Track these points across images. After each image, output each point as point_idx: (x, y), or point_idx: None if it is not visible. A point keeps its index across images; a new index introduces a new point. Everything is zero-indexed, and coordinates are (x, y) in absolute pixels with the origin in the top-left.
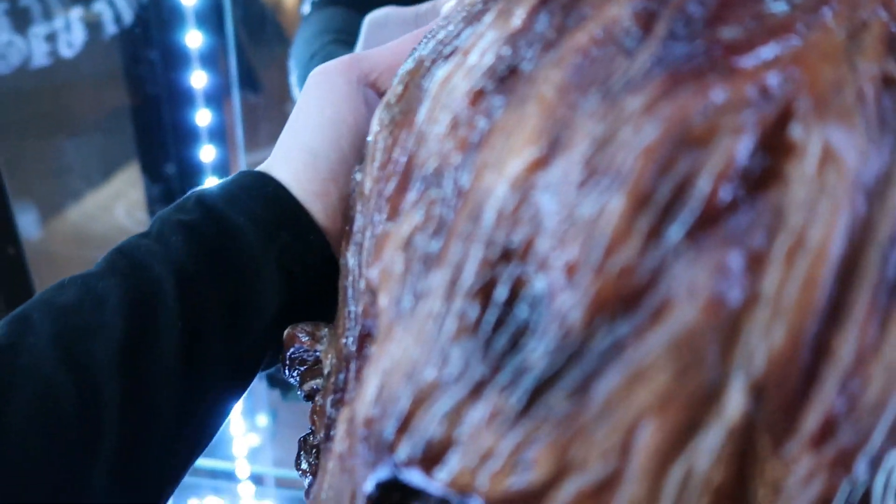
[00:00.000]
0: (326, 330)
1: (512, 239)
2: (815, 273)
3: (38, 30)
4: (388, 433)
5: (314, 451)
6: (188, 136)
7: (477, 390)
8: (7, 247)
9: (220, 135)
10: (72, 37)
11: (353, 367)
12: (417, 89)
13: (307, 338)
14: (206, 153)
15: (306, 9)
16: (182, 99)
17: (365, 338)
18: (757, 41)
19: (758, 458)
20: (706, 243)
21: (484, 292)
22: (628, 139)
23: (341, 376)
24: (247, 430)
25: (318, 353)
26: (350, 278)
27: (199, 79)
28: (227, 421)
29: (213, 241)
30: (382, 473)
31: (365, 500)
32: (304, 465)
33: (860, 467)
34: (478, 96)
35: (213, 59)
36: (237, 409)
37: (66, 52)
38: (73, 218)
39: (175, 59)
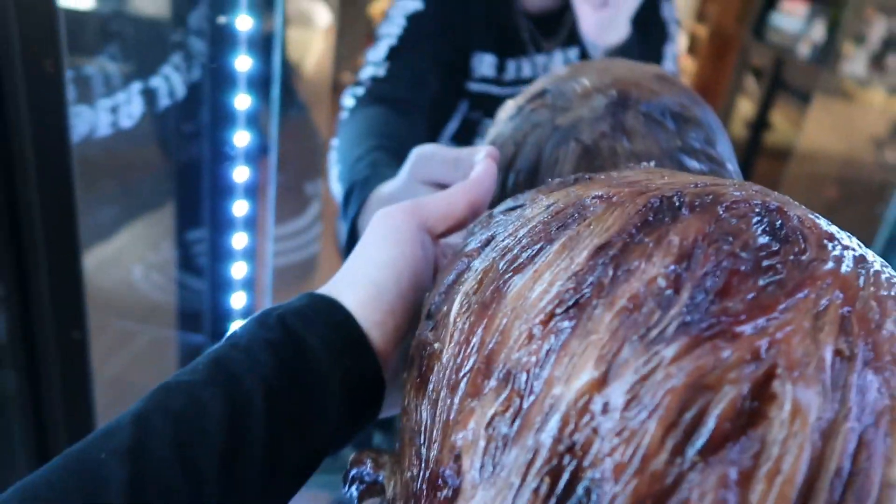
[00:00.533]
0: (388, 458)
1: (574, 440)
2: (786, 491)
3: (104, 102)
4: None
5: None
6: (224, 191)
7: None
8: (73, 331)
9: (253, 191)
10: (132, 108)
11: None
12: (494, 289)
13: (372, 463)
14: (240, 207)
15: (348, 101)
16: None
17: (437, 483)
18: (753, 315)
19: None
20: (713, 461)
21: (552, 474)
22: (661, 380)
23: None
24: None
25: (378, 477)
26: (423, 427)
27: (242, 138)
28: None
29: (292, 360)
30: None
31: None
32: None
33: None
34: (549, 318)
35: (255, 120)
36: None
37: (126, 122)
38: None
39: (222, 120)
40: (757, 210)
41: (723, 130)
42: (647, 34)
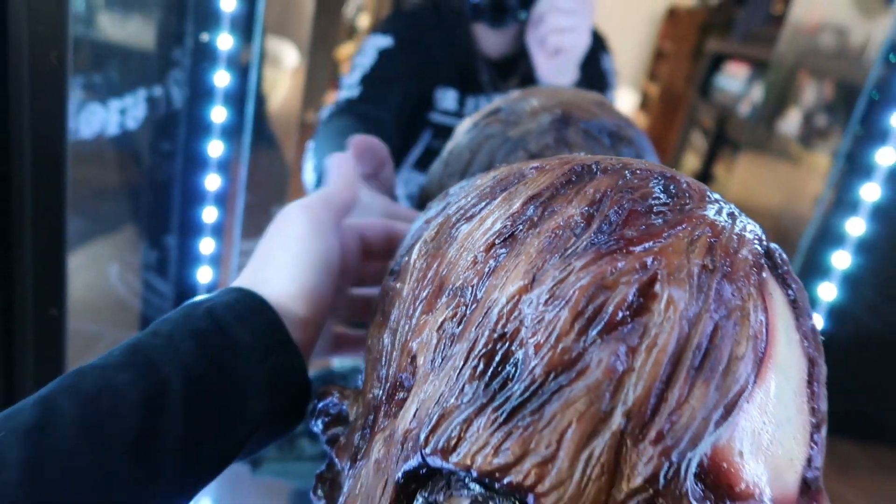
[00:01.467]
0: (351, 391)
1: (506, 329)
2: (659, 358)
3: (115, 103)
4: (421, 436)
5: (328, 483)
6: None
7: (479, 410)
8: (51, 308)
9: (223, 199)
10: (137, 112)
11: (382, 410)
12: (447, 235)
13: (338, 393)
14: (209, 214)
15: (324, 115)
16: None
17: (396, 388)
18: (643, 239)
19: (626, 449)
20: (608, 339)
21: (487, 356)
22: (573, 282)
23: (370, 418)
24: None
25: (342, 406)
26: (384, 352)
27: (216, 148)
28: None
29: (218, 351)
30: (411, 464)
31: (394, 486)
32: (320, 493)
33: (675, 457)
34: (490, 247)
35: (230, 133)
36: None
37: (132, 124)
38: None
39: (199, 130)
40: (656, 175)
41: (653, 152)
42: (590, 83)
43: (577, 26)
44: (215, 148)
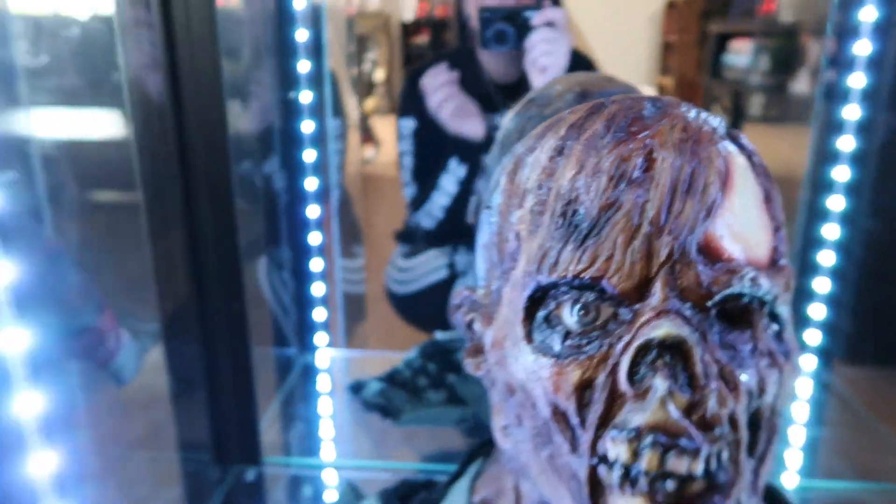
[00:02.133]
0: (475, 286)
1: (570, 197)
2: (662, 191)
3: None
4: (533, 268)
5: (472, 352)
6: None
7: (565, 243)
8: (234, 303)
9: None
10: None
11: (502, 280)
12: (520, 164)
13: (467, 290)
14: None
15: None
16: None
17: (509, 261)
18: (641, 130)
19: (652, 243)
20: (632, 186)
21: (562, 215)
22: (605, 161)
23: (496, 290)
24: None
25: (473, 297)
26: (497, 252)
27: (311, 183)
28: None
29: None
30: (531, 288)
31: (522, 309)
32: (469, 360)
33: (681, 241)
34: (550, 159)
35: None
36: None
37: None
38: None
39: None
40: (646, 98)
41: None
42: None
43: (557, 50)
44: (311, 183)
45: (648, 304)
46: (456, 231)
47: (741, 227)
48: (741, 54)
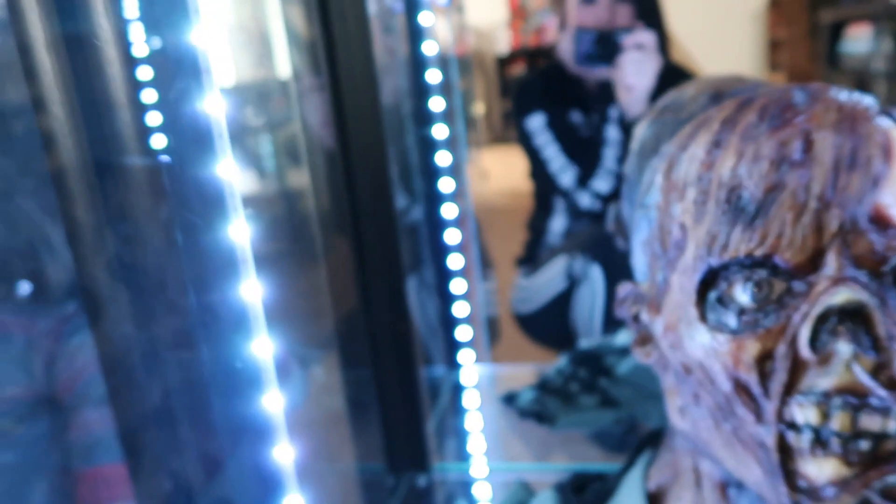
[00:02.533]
0: (640, 283)
1: (734, 184)
2: (825, 168)
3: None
4: (703, 252)
5: (640, 342)
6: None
7: (733, 226)
8: (400, 324)
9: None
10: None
11: (670, 269)
12: (675, 162)
13: (631, 285)
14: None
15: None
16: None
17: (676, 251)
18: (796, 116)
19: (822, 218)
20: (794, 168)
21: (727, 201)
22: (765, 148)
23: (661, 281)
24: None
25: (638, 290)
26: (661, 245)
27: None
28: None
29: None
30: (702, 271)
31: (695, 292)
32: (638, 349)
33: (849, 212)
34: (708, 152)
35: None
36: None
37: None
38: None
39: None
40: (794, 88)
41: None
42: None
43: (644, 71)
44: (449, 210)
45: (824, 274)
46: None
47: None
48: (860, 40)
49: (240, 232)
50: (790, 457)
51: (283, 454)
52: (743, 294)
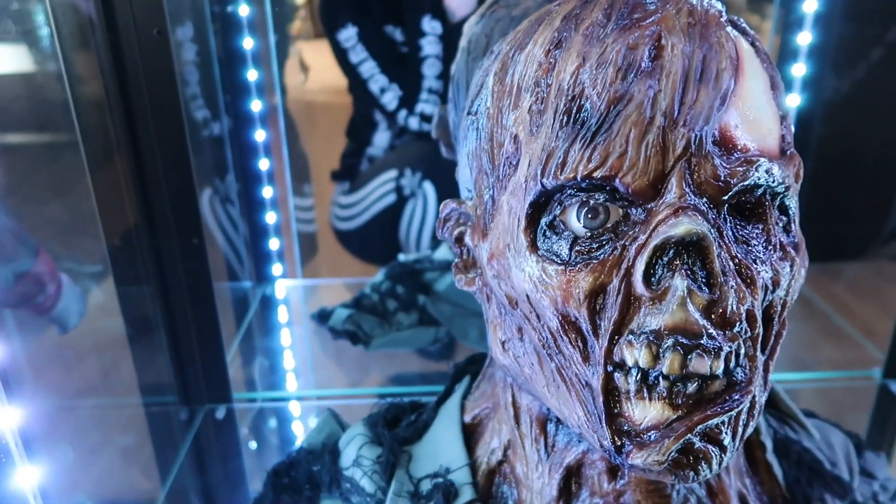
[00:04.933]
0: (463, 200)
1: (575, 92)
2: (675, 80)
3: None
4: (538, 170)
5: (462, 266)
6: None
7: (572, 141)
8: (192, 238)
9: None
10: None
11: (499, 186)
12: (510, 62)
13: (455, 202)
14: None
15: None
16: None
17: (506, 168)
18: (646, 17)
19: (668, 135)
20: (641, 77)
21: (567, 111)
22: (610, 51)
23: (489, 201)
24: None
25: (461, 209)
26: (487, 156)
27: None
28: None
29: None
30: (533, 193)
31: (525, 216)
32: (461, 276)
33: (696, 131)
34: (547, 52)
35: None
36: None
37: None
38: None
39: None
40: None
41: None
42: None
43: None
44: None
45: (664, 202)
46: None
47: (753, 115)
48: None
49: None
50: (615, 399)
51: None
52: (577, 221)
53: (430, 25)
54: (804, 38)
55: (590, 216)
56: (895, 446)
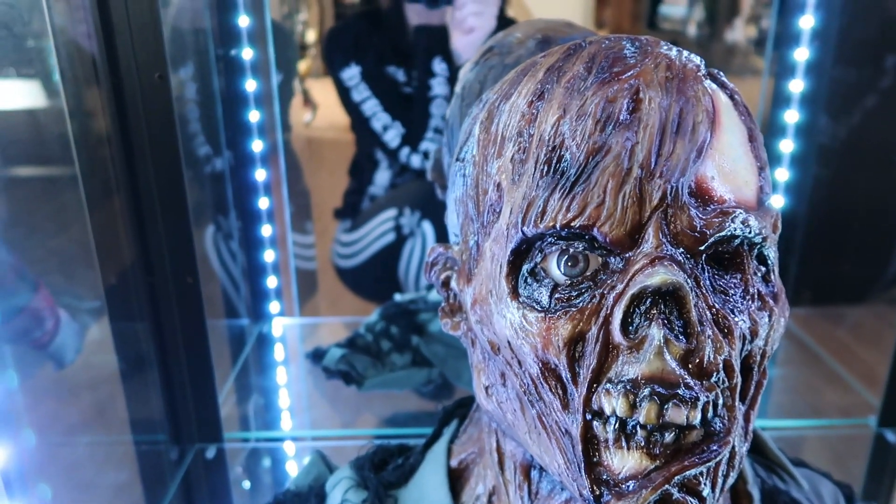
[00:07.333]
0: (450, 245)
1: (555, 143)
2: (652, 132)
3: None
4: (519, 219)
5: (448, 310)
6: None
7: (552, 191)
8: (187, 276)
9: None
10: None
11: (482, 233)
12: (495, 111)
13: (442, 247)
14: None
15: None
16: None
17: (490, 215)
18: (625, 71)
19: (645, 187)
20: (619, 129)
21: (547, 162)
22: (590, 104)
23: (474, 246)
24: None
25: (448, 254)
26: (473, 205)
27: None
28: None
29: None
30: (515, 241)
31: (507, 263)
32: (447, 320)
33: (672, 183)
34: (530, 104)
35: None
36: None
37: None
38: None
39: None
40: (625, 38)
41: None
42: None
43: (487, 11)
44: (257, 145)
45: (641, 252)
46: None
47: (730, 167)
48: (677, 4)
49: None
50: (595, 447)
51: None
52: (557, 269)
53: (440, 67)
54: (796, 86)
55: (570, 264)
56: (893, 497)
